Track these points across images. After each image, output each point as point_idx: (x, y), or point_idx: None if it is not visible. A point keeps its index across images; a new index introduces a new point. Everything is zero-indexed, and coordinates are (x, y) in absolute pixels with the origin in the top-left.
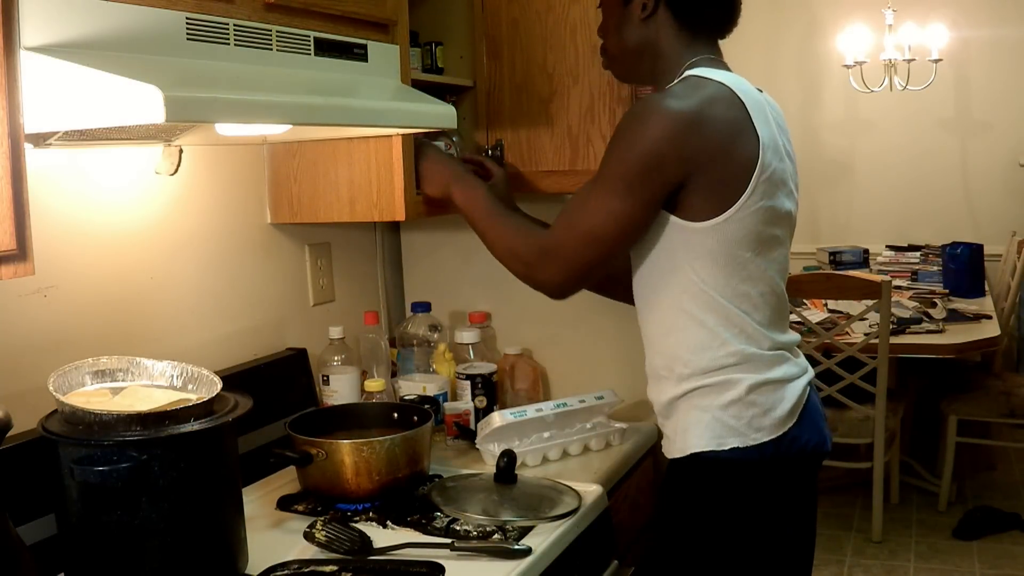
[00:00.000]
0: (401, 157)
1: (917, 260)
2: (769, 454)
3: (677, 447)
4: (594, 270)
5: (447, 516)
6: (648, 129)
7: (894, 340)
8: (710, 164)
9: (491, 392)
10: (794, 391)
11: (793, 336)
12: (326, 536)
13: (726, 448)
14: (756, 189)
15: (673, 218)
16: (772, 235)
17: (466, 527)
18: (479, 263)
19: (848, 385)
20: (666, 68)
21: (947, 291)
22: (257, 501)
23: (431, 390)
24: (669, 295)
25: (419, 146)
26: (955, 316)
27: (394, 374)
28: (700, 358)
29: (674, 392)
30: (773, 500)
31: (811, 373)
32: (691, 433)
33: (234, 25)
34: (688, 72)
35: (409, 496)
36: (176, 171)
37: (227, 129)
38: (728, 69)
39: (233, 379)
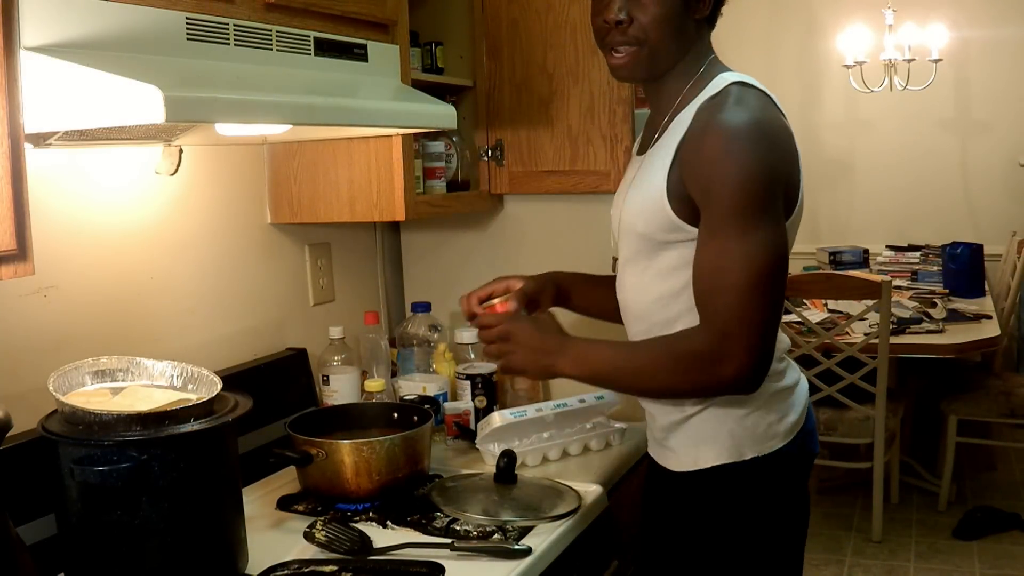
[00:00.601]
0: (401, 157)
1: (917, 260)
2: (782, 458)
3: (688, 460)
4: (774, 327)
5: (447, 516)
6: (747, 147)
7: (894, 340)
8: (793, 167)
9: (491, 392)
10: (801, 396)
11: (788, 341)
12: (326, 536)
13: (747, 458)
14: (802, 192)
15: None
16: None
17: (466, 527)
18: (479, 263)
19: (848, 385)
20: (686, 68)
21: (947, 291)
22: (257, 501)
23: (431, 390)
24: (694, 315)
25: (505, 333)
26: (955, 316)
27: (394, 374)
28: None
29: (689, 411)
30: (785, 502)
31: (804, 377)
32: (707, 447)
33: (234, 25)
34: (728, 80)
35: (409, 496)
36: (176, 171)
37: (227, 129)
38: None
39: (233, 379)
